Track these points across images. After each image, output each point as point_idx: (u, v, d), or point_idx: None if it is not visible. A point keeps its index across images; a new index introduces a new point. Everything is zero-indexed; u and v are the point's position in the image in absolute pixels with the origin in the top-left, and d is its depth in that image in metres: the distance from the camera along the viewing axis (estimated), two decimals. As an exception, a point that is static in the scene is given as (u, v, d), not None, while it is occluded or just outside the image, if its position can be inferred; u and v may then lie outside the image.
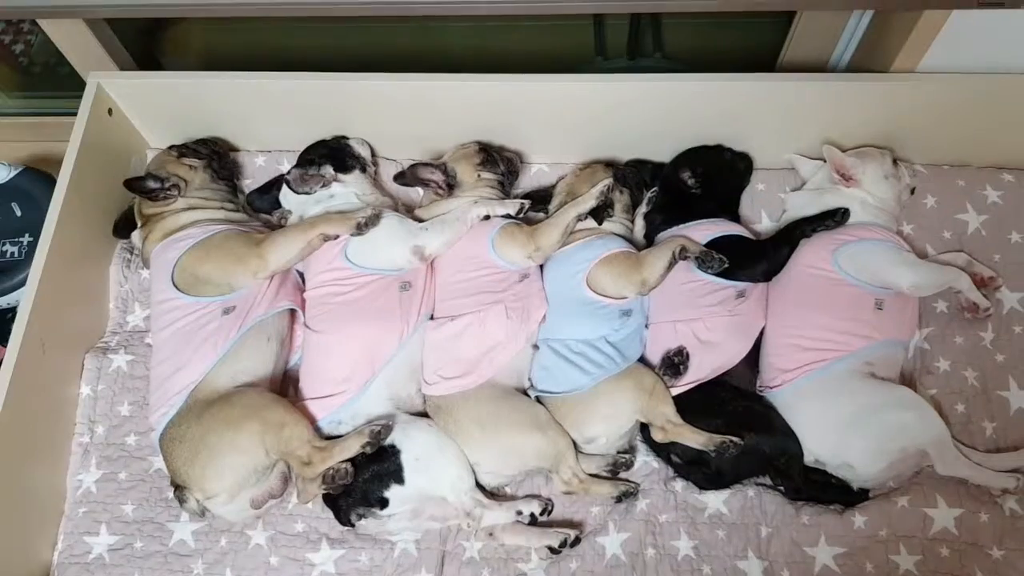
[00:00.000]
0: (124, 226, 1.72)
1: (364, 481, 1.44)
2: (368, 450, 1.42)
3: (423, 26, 2.01)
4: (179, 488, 1.44)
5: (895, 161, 1.68)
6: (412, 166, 1.70)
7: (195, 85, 1.72)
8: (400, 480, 1.44)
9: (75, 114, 1.67)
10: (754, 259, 1.58)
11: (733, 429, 1.47)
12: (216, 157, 1.73)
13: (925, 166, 1.77)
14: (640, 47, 2.10)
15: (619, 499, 1.53)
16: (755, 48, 1.95)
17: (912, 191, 1.71)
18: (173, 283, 1.52)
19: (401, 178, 1.72)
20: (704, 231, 1.62)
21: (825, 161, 1.66)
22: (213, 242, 1.56)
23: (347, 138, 1.78)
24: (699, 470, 1.51)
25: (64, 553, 1.53)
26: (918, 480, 1.50)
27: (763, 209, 1.78)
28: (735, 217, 1.74)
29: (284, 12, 1.55)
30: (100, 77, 1.70)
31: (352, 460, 1.42)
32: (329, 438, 1.47)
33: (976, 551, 1.44)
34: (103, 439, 1.61)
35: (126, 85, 1.72)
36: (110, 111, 1.74)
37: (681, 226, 1.65)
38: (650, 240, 1.71)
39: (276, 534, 1.53)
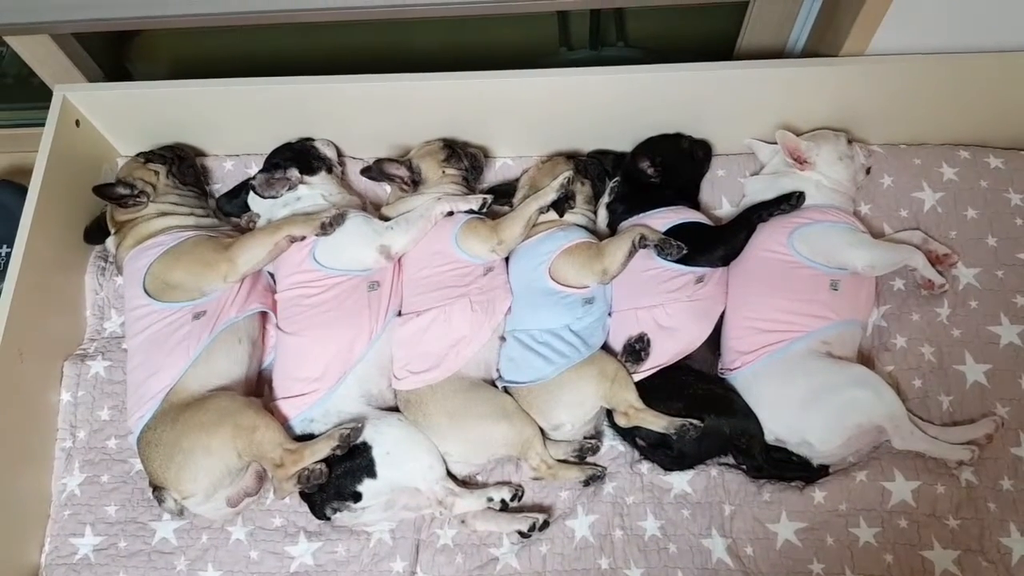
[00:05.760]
0: (96, 232, 1.76)
1: (337, 477, 1.48)
2: (339, 452, 1.46)
3: (386, 24, 2.03)
4: (157, 489, 1.48)
5: (850, 142, 1.71)
6: (377, 161, 1.73)
7: (160, 94, 1.74)
8: (372, 474, 1.48)
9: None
10: (712, 245, 1.61)
11: (694, 412, 1.51)
12: (177, 160, 1.75)
13: (882, 146, 1.80)
14: (603, 37, 2.12)
15: (587, 483, 1.57)
16: (715, 34, 1.97)
17: (868, 171, 1.74)
18: (144, 290, 1.56)
19: (368, 172, 1.76)
20: (663, 219, 1.65)
21: (781, 146, 1.69)
22: (183, 248, 1.59)
23: (312, 140, 1.81)
24: (663, 452, 1.56)
25: (51, 554, 1.58)
26: (876, 455, 1.54)
27: (723, 195, 1.81)
28: (695, 204, 1.77)
29: (237, 21, 1.58)
30: (66, 90, 1.73)
31: (326, 459, 1.46)
32: (302, 436, 1.52)
33: (933, 521, 1.48)
34: (85, 443, 1.66)
35: (92, 96, 1.75)
36: (77, 122, 1.77)
37: (642, 215, 1.68)
38: (613, 229, 1.74)
39: (255, 529, 1.57)
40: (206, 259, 1.58)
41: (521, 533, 1.53)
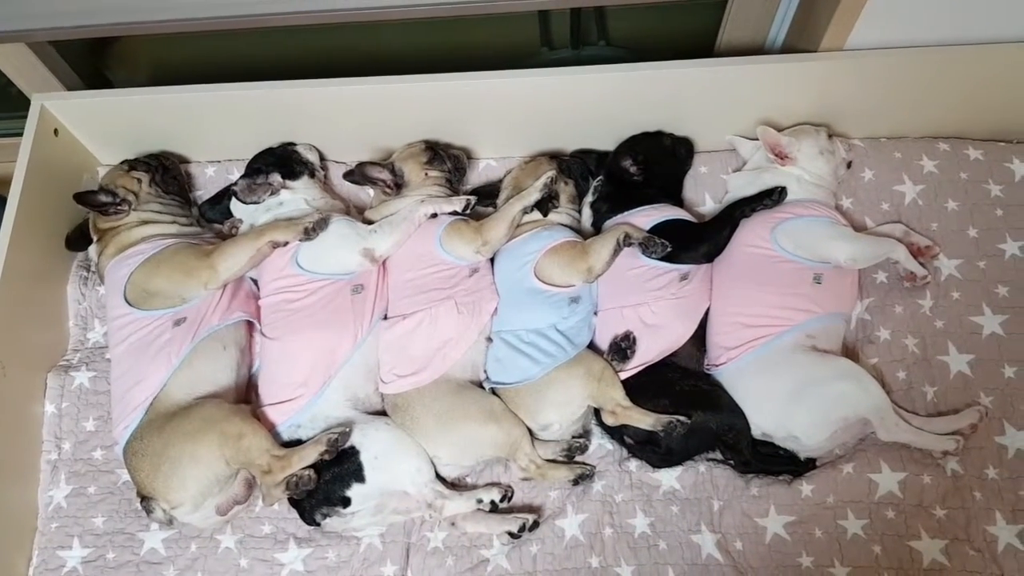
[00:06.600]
0: (78, 239, 1.74)
1: (326, 482, 1.48)
2: (327, 457, 1.45)
3: (366, 27, 2.02)
4: (145, 499, 1.47)
5: (830, 137, 1.72)
6: (360, 164, 1.73)
7: (140, 101, 1.73)
8: (361, 479, 1.48)
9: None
10: (696, 242, 1.62)
11: (681, 408, 1.51)
12: (161, 169, 1.74)
13: (863, 140, 1.81)
14: (584, 36, 2.12)
15: (576, 482, 1.57)
16: (695, 32, 1.97)
17: (849, 165, 1.75)
18: (125, 298, 1.54)
19: (350, 176, 1.75)
20: (647, 217, 1.65)
21: (762, 141, 1.70)
22: (163, 256, 1.58)
23: (294, 144, 1.80)
24: (651, 450, 1.56)
25: (39, 568, 1.56)
26: (862, 447, 1.55)
27: (706, 191, 1.82)
28: (678, 201, 1.78)
29: (216, 26, 1.57)
30: (44, 99, 1.72)
31: (314, 465, 1.46)
32: (290, 442, 1.51)
33: (920, 512, 1.50)
34: (70, 455, 1.65)
35: (71, 105, 1.74)
36: (56, 132, 1.75)
37: (626, 213, 1.69)
38: (598, 229, 1.74)
39: (245, 537, 1.57)
40: (187, 266, 1.57)
41: (511, 534, 1.53)
